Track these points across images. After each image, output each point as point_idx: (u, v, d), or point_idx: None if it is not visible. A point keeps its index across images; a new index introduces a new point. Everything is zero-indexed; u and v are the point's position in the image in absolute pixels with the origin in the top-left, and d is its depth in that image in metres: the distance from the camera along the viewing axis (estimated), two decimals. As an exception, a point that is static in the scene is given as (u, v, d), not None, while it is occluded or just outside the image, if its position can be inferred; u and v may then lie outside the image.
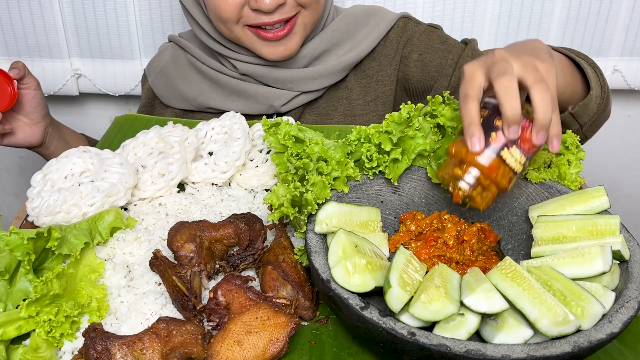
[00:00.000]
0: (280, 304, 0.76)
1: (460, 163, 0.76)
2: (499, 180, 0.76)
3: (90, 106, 1.85)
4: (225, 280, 0.79)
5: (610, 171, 1.78)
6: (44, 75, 1.68)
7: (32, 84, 1.23)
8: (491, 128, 0.75)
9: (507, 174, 0.76)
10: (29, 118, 1.26)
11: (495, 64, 0.74)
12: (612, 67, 1.68)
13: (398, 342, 0.65)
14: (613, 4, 1.59)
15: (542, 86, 0.72)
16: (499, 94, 0.72)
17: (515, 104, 0.71)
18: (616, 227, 0.77)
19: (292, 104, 1.27)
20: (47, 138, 1.30)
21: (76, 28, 1.64)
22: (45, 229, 0.81)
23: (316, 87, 1.26)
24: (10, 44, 1.65)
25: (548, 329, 0.66)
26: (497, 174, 0.75)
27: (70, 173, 0.99)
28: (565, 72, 0.96)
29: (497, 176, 0.75)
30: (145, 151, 1.07)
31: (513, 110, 0.71)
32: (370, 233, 0.84)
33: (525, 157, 0.76)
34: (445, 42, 1.27)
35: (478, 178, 0.76)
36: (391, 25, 1.29)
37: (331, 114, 1.30)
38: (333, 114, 1.30)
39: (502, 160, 0.75)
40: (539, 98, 0.71)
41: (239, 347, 0.70)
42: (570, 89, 0.97)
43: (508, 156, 0.75)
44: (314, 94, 1.28)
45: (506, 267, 0.73)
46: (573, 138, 0.92)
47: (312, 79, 1.25)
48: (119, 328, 0.78)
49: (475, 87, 0.75)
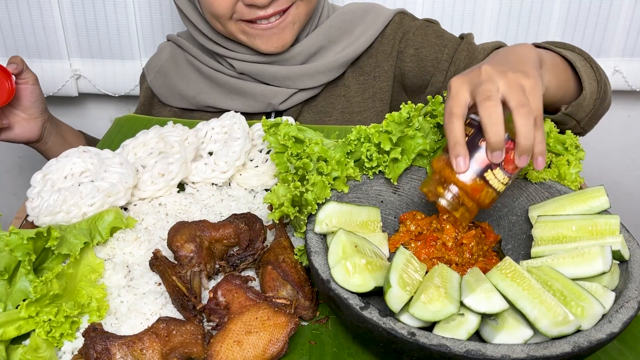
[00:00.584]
0: (280, 304, 0.76)
1: (443, 181, 0.77)
2: (481, 201, 0.76)
3: (89, 107, 1.85)
4: (225, 280, 0.79)
5: (610, 171, 1.78)
6: (43, 76, 1.68)
7: (31, 79, 1.23)
8: (475, 148, 0.75)
9: (490, 195, 0.76)
10: (27, 113, 1.26)
11: (481, 85, 0.74)
12: (612, 67, 1.68)
13: (398, 342, 0.65)
14: (613, 4, 1.59)
15: (524, 110, 0.72)
16: (483, 121, 0.72)
17: (498, 131, 0.72)
18: (616, 227, 0.77)
19: (290, 101, 1.27)
20: (45, 134, 1.31)
21: (76, 28, 1.64)
22: (44, 229, 0.81)
23: (314, 84, 1.26)
24: (9, 44, 1.65)
25: (548, 329, 0.66)
26: (479, 195, 0.76)
27: (70, 173, 0.99)
28: (558, 73, 0.96)
29: (480, 197, 0.76)
30: (145, 151, 1.07)
31: (496, 137, 0.72)
32: (370, 233, 0.84)
33: (509, 177, 0.77)
34: (441, 36, 1.27)
35: (460, 197, 0.76)
36: (388, 21, 1.29)
37: (329, 111, 1.30)
38: (331, 111, 1.30)
39: (486, 181, 0.75)
40: (521, 123, 0.72)
41: (239, 347, 0.70)
42: (563, 88, 0.97)
43: (491, 177, 0.75)
44: (312, 92, 1.28)
45: (506, 267, 0.73)
46: (572, 139, 0.92)
47: (309, 75, 1.25)
48: (118, 328, 0.78)
49: (461, 105, 0.75)
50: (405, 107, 0.89)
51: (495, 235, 0.88)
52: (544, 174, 0.90)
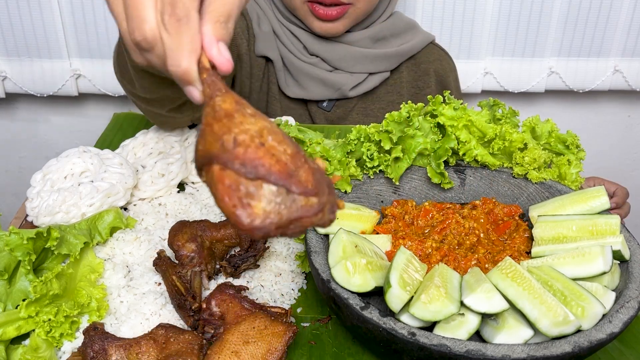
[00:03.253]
0: (276, 312, 0.76)
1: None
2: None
3: (90, 107, 1.85)
4: (218, 290, 0.78)
5: (610, 171, 1.78)
6: (43, 76, 1.68)
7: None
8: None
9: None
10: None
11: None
12: (612, 67, 1.68)
13: (398, 342, 0.65)
14: (614, 4, 1.59)
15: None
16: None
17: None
18: (616, 227, 0.77)
19: (359, 89, 1.33)
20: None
21: (75, 28, 1.64)
22: (44, 229, 0.80)
23: (382, 67, 1.34)
24: (9, 44, 1.65)
25: (548, 329, 0.66)
26: None
27: (70, 173, 0.99)
28: None
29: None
30: (145, 151, 1.06)
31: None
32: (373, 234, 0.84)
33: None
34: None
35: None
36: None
37: (385, 107, 1.39)
38: (386, 107, 1.39)
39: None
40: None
41: (237, 357, 0.69)
42: None
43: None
44: (379, 77, 1.34)
45: (506, 267, 0.73)
46: (573, 138, 0.92)
47: (379, 59, 1.33)
48: (118, 328, 0.78)
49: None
50: (405, 106, 0.89)
51: (510, 209, 0.88)
52: (545, 174, 0.90)
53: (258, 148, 0.48)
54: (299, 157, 0.50)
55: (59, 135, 1.87)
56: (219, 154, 0.48)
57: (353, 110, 1.37)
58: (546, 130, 0.92)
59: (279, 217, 0.47)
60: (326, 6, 1.23)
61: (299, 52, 1.32)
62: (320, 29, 1.27)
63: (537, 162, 0.89)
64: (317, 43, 1.31)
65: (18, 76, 1.68)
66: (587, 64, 1.67)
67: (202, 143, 0.50)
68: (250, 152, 0.48)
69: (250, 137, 0.48)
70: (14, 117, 1.85)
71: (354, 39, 1.32)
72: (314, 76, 1.31)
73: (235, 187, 0.47)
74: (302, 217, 0.48)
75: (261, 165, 0.47)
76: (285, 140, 0.50)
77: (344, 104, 1.36)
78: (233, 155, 0.47)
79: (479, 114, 0.90)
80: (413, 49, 1.37)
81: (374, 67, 1.34)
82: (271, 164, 0.47)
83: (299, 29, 1.32)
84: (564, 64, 1.67)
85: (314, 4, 1.24)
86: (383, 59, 1.34)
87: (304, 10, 1.26)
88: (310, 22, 1.28)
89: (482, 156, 0.91)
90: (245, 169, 0.47)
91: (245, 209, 0.46)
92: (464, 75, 1.60)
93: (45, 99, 1.79)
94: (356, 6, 1.25)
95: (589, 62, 1.67)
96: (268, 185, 0.47)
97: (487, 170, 0.92)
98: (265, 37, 1.32)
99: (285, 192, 0.47)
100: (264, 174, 0.47)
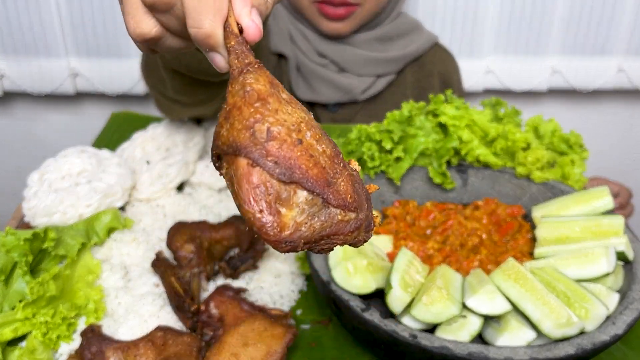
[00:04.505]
0: (275, 315, 0.75)
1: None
2: None
3: (87, 105, 1.84)
4: (217, 292, 0.78)
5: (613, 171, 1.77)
6: (40, 74, 1.67)
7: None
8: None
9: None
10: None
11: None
12: (616, 66, 1.67)
13: (399, 344, 0.64)
14: (617, 1, 1.58)
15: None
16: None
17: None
18: (620, 228, 0.76)
19: (369, 92, 1.33)
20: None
21: (73, 26, 1.63)
22: (41, 230, 0.80)
23: (389, 70, 1.33)
24: (6, 42, 1.64)
25: (551, 331, 0.65)
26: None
27: (68, 173, 0.98)
28: None
29: None
30: (154, 145, 1.06)
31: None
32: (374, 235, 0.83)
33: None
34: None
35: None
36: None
37: (390, 108, 1.37)
38: (391, 108, 1.37)
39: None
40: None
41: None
42: None
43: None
44: (386, 80, 1.33)
45: (509, 268, 0.72)
46: (577, 137, 0.91)
47: (385, 61, 1.32)
48: (116, 330, 0.77)
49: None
50: (406, 105, 0.88)
51: (512, 210, 0.87)
52: (548, 174, 0.89)
53: (295, 145, 0.41)
54: (337, 160, 0.43)
55: (56, 134, 1.86)
56: (248, 146, 0.40)
57: (359, 112, 1.36)
58: (549, 130, 0.91)
59: (310, 230, 0.41)
60: (335, 6, 1.23)
61: (310, 53, 1.32)
62: (328, 28, 1.27)
63: (540, 162, 0.88)
64: (325, 44, 1.30)
65: (15, 74, 1.67)
66: (590, 62, 1.66)
67: (226, 127, 0.42)
68: (286, 150, 0.40)
69: (286, 130, 0.41)
70: (11, 115, 1.84)
71: (360, 40, 1.31)
72: (325, 78, 1.31)
73: (265, 189, 0.40)
74: (335, 233, 0.42)
75: (297, 167, 0.40)
76: (323, 137, 0.43)
77: (350, 105, 1.35)
78: (265, 150, 0.40)
79: (481, 114, 0.89)
80: (418, 51, 1.36)
81: (381, 70, 1.33)
82: (308, 167, 0.40)
83: (307, 29, 1.31)
84: (567, 63, 1.66)
85: (322, 3, 1.24)
86: (390, 62, 1.33)
87: (312, 11, 1.26)
88: (318, 22, 1.27)
89: (484, 156, 0.90)
90: (278, 169, 0.40)
91: (274, 216, 0.40)
92: (466, 73, 1.59)
93: (42, 98, 1.79)
94: (364, 7, 1.24)
95: (592, 61, 1.66)
96: (302, 191, 0.40)
97: (489, 170, 0.92)
98: (281, 33, 1.31)
99: (320, 202, 0.41)
100: (299, 178, 0.40)
